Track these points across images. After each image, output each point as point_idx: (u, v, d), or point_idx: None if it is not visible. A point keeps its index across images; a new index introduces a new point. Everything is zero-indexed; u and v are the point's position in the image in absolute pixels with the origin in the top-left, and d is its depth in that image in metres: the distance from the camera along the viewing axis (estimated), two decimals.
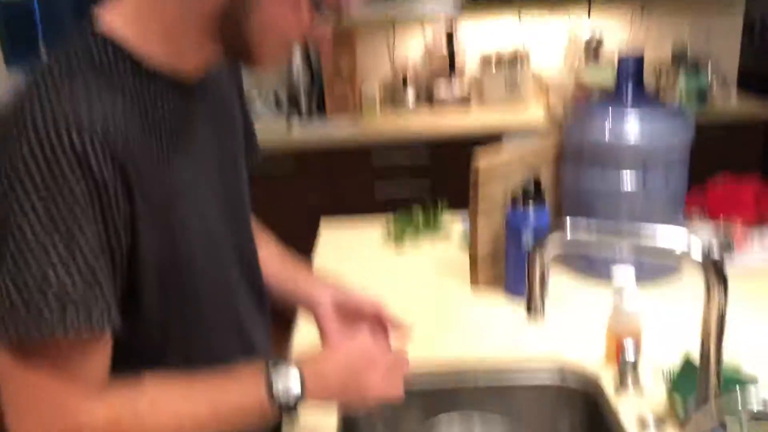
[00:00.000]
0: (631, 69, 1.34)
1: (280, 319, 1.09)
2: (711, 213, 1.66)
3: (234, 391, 0.75)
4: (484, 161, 1.35)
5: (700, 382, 0.82)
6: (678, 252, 0.78)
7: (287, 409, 0.75)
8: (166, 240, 0.74)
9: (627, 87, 1.35)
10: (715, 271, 0.76)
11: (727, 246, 1.49)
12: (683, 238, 0.79)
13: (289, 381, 0.75)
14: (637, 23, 3.32)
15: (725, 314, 0.78)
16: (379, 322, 0.97)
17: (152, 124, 0.72)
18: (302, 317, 1.22)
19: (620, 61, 1.35)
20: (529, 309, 0.90)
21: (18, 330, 0.64)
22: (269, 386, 0.75)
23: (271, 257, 1.04)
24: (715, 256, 0.77)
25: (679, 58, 3.22)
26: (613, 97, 1.37)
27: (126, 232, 0.69)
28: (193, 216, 0.77)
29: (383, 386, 0.82)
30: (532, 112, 3.12)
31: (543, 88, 3.25)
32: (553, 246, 0.83)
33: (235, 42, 0.73)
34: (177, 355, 0.80)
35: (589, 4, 3.05)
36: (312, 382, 0.77)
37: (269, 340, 0.99)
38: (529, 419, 1.16)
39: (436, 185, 2.95)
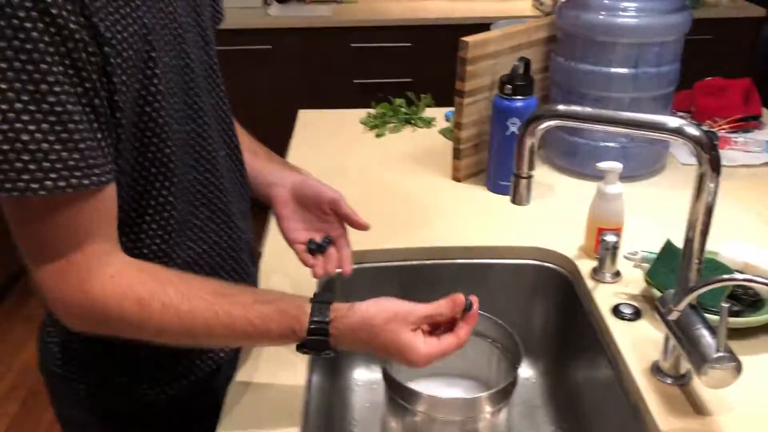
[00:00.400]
0: None
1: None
2: (698, 113, 1.63)
3: (274, 305, 0.73)
4: (472, 44, 1.28)
5: (683, 267, 0.81)
6: (670, 125, 0.75)
7: (313, 349, 0.74)
8: (140, 89, 0.69)
9: None
10: (709, 147, 0.74)
11: None
12: (676, 121, 0.76)
13: (326, 334, 0.73)
14: None
15: (715, 197, 0.76)
16: (335, 214, 0.92)
17: None
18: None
19: None
20: (514, 198, 0.87)
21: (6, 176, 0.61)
22: (308, 331, 0.73)
23: (243, 147, 0.99)
24: (709, 135, 0.75)
25: None
26: None
27: (101, 80, 0.64)
28: (164, 68, 0.71)
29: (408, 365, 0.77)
30: (521, 4, 3.01)
31: None
32: (543, 120, 0.80)
33: None
34: (154, 227, 0.77)
35: None
36: (344, 341, 0.74)
37: (250, 222, 0.97)
38: (507, 295, 1.16)
39: (418, 73, 2.86)
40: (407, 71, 2.86)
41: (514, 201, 0.88)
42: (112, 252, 0.70)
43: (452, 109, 1.46)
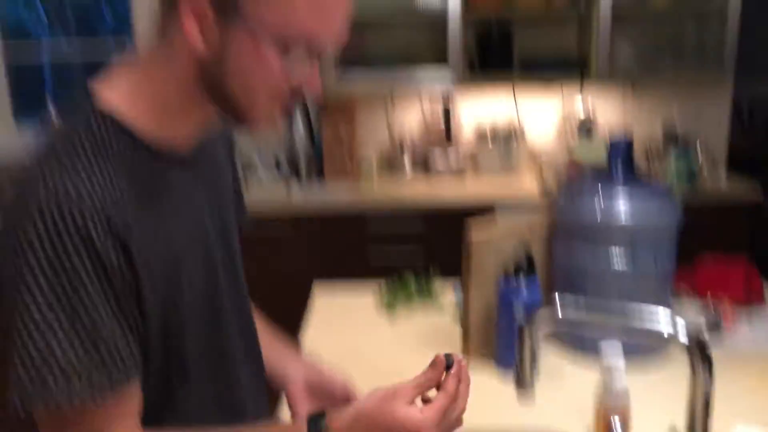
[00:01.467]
0: (621, 151, 1.39)
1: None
2: (699, 292, 1.69)
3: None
4: (478, 234, 1.38)
5: None
6: (664, 334, 0.80)
7: None
8: (168, 302, 0.77)
9: (617, 167, 1.40)
10: (700, 353, 0.79)
11: (715, 325, 1.51)
12: (669, 319, 0.81)
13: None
14: (629, 102, 3.43)
15: (711, 396, 0.80)
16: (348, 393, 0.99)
17: (149, 195, 0.76)
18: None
19: (611, 142, 1.41)
20: (518, 385, 0.91)
21: (23, 402, 0.67)
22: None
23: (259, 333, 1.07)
24: (701, 337, 0.80)
25: (669, 137, 3.31)
26: (604, 176, 1.42)
27: (133, 298, 0.72)
28: (191, 278, 0.81)
29: None
30: (526, 185, 3.18)
31: (536, 162, 3.33)
32: (542, 323, 0.86)
33: (223, 103, 0.77)
34: (174, 410, 0.82)
35: (582, 84, 3.15)
36: None
37: (265, 402, 1.01)
38: None
39: (430, 253, 2.98)
40: (423, 252, 2.99)
41: (518, 394, 0.92)
42: None
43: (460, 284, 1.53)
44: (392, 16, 3.14)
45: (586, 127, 3.27)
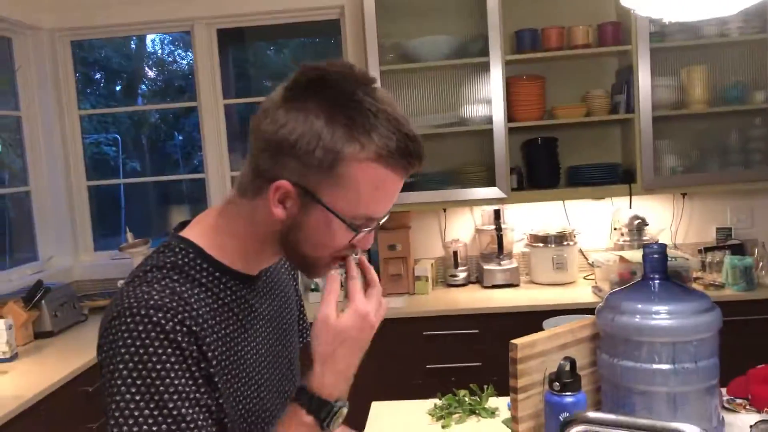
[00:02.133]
0: (656, 260, 1.46)
1: None
2: (755, 400, 1.68)
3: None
4: (522, 351, 1.45)
5: None
6: None
7: (336, 419, 0.93)
8: (231, 397, 0.90)
9: (655, 276, 1.46)
10: None
11: None
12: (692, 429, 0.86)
13: (327, 405, 0.91)
14: (680, 207, 3.47)
15: None
16: None
17: (220, 308, 0.92)
18: None
19: (645, 250, 1.48)
20: None
21: None
22: (317, 417, 0.91)
23: None
24: None
25: (722, 239, 3.32)
26: (641, 286, 1.48)
27: (209, 387, 0.86)
28: (251, 377, 0.94)
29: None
30: (580, 291, 3.22)
31: (590, 266, 3.37)
32: (573, 429, 0.92)
33: (293, 257, 0.95)
34: None
35: (630, 194, 3.22)
36: (337, 388, 0.93)
37: None
38: None
39: (484, 357, 3.00)
40: (476, 356, 3.02)
41: None
42: None
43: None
44: (440, 128, 3.32)
45: (637, 228, 3.31)
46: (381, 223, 0.96)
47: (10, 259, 3.46)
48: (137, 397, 0.80)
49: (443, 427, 1.73)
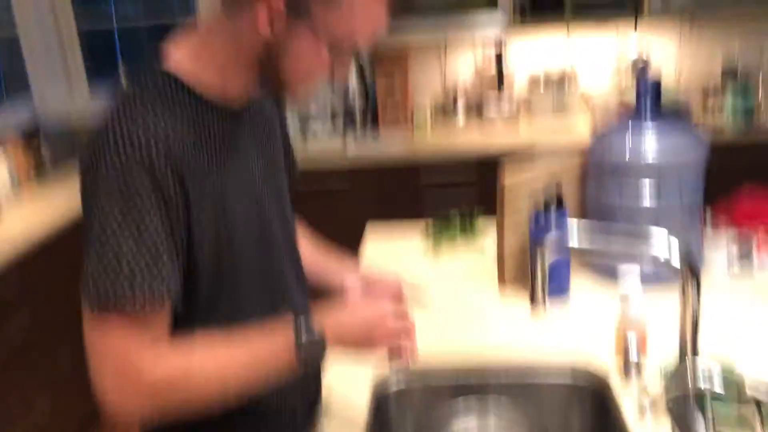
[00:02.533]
0: (648, 88, 1.44)
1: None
2: (737, 224, 1.73)
3: (267, 340, 0.92)
4: (511, 176, 1.47)
5: (681, 373, 0.92)
6: (659, 256, 0.89)
7: (311, 356, 0.91)
8: (215, 230, 0.91)
9: (645, 105, 1.45)
10: (690, 273, 0.87)
11: (746, 254, 1.56)
12: (664, 240, 0.90)
13: (313, 334, 0.91)
14: (686, 39, 3.36)
15: (699, 312, 0.88)
16: (400, 291, 1.11)
17: (203, 140, 0.91)
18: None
19: (638, 80, 1.46)
20: (532, 301, 1.02)
21: (99, 293, 0.83)
22: (297, 336, 0.91)
23: (307, 246, 1.23)
24: (691, 258, 0.88)
25: (728, 74, 3.25)
26: (634, 114, 1.47)
27: (184, 224, 0.87)
28: (237, 210, 0.94)
29: (390, 340, 0.97)
30: (578, 129, 3.20)
31: (590, 106, 3.33)
32: (552, 245, 0.95)
33: (270, 76, 0.92)
34: (219, 315, 0.96)
35: (636, 18, 3.11)
36: (332, 334, 0.93)
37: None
38: (546, 406, 1.27)
39: (483, 198, 3.06)
40: (474, 197, 3.07)
41: (532, 311, 1.02)
42: (164, 347, 0.89)
43: None
44: None
45: (638, 67, 3.24)
46: (358, 52, 0.93)
47: (4, 104, 3.43)
48: (118, 227, 0.82)
49: (435, 247, 1.81)
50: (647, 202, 1.42)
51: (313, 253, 1.23)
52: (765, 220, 1.67)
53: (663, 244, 0.88)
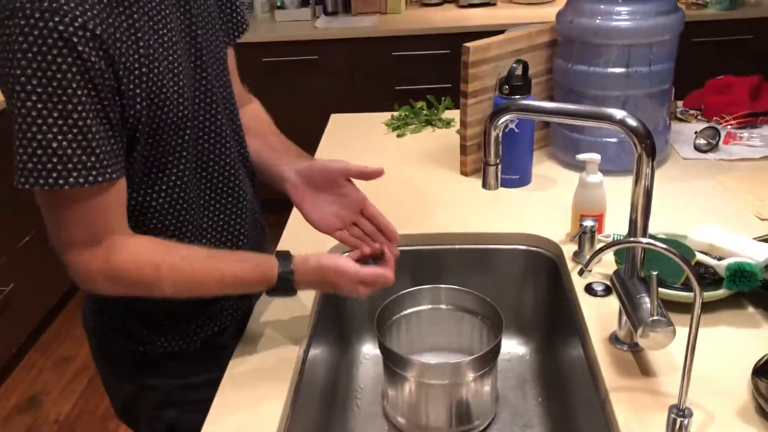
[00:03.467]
0: None
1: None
2: (707, 110, 1.69)
3: (252, 261, 0.94)
4: (475, 52, 1.40)
5: (629, 251, 0.90)
6: (616, 117, 0.84)
7: (283, 286, 0.93)
8: (149, 100, 0.84)
9: None
10: (644, 141, 0.83)
11: (712, 137, 1.53)
12: (626, 118, 0.85)
13: (287, 272, 0.93)
14: None
15: (652, 181, 0.85)
16: (347, 178, 1.03)
17: (128, 9, 0.82)
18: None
19: None
20: (484, 178, 0.98)
21: (27, 183, 0.77)
22: (277, 266, 0.93)
23: (262, 140, 1.11)
24: (649, 137, 0.84)
25: None
26: None
27: (114, 99, 0.80)
28: (169, 78, 0.87)
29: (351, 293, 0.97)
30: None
31: None
32: (503, 117, 0.91)
33: None
34: (166, 206, 0.92)
35: None
36: (301, 278, 0.94)
37: (257, 194, 1.11)
38: (502, 278, 1.27)
39: (453, 75, 2.97)
40: (446, 77, 2.97)
41: (484, 186, 0.99)
42: (126, 230, 0.87)
43: None
44: None
45: None
46: None
47: None
48: (39, 105, 0.75)
49: (398, 136, 1.75)
50: (616, 68, 1.36)
51: (262, 147, 1.11)
52: (736, 105, 1.63)
53: (625, 121, 0.84)
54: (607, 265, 1.13)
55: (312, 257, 0.95)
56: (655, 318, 0.83)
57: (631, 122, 0.84)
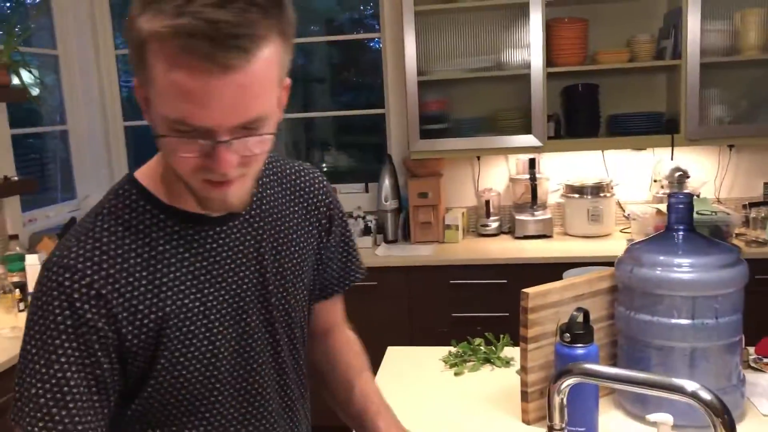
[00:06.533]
0: (681, 209, 1.38)
1: None
2: None
3: None
4: (534, 299, 1.40)
5: None
6: (688, 390, 0.80)
7: None
8: (159, 356, 0.86)
9: (679, 228, 1.39)
10: (721, 416, 0.78)
11: None
12: (692, 389, 0.81)
13: None
14: (726, 160, 3.32)
15: None
16: None
17: (158, 256, 0.86)
18: None
19: (670, 199, 1.40)
20: None
21: (15, 416, 0.81)
22: None
23: (362, 389, 1.12)
24: (724, 406, 0.79)
25: None
26: (664, 237, 1.41)
27: (110, 355, 0.83)
28: (190, 336, 0.88)
29: None
30: (615, 244, 3.12)
31: (626, 218, 3.27)
32: (567, 381, 0.88)
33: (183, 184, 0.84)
34: None
35: (672, 145, 3.08)
36: None
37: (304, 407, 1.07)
38: None
39: (514, 309, 2.96)
40: (503, 306, 2.98)
41: None
42: None
43: None
44: (476, 72, 3.22)
45: (678, 181, 3.18)
46: (220, 141, 0.76)
47: (48, 197, 3.53)
48: (32, 351, 0.80)
49: (455, 374, 1.71)
50: (680, 319, 1.33)
51: (362, 398, 1.11)
52: None
53: (698, 395, 0.80)
54: None
55: None
56: None
57: (705, 396, 0.80)
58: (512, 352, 1.79)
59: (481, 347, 1.80)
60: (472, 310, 3.02)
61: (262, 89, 0.75)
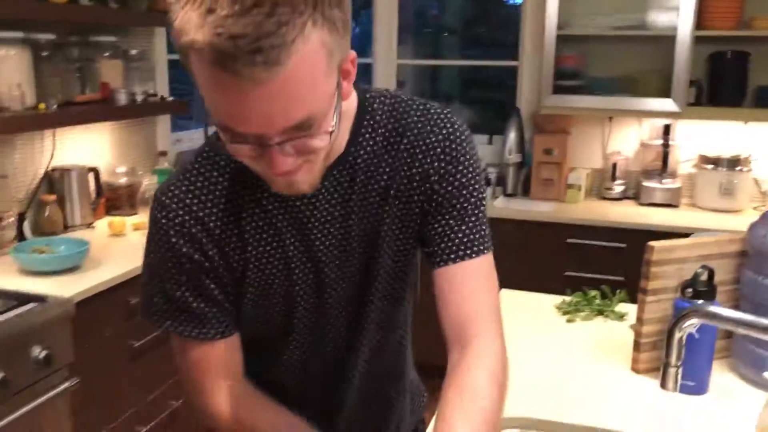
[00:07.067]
0: None
1: None
2: None
3: None
4: (659, 252, 1.41)
5: None
6: None
7: None
8: (245, 292, 0.97)
9: None
10: None
11: None
12: None
13: None
14: None
15: None
16: None
17: (241, 204, 0.91)
18: None
19: None
20: (663, 378, 0.97)
21: (157, 321, 0.97)
22: None
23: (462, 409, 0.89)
24: None
25: None
26: None
27: (214, 278, 0.95)
28: (269, 280, 0.97)
29: None
30: (746, 220, 2.99)
31: (762, 195, 3.11)
32: (690, 320, 0.91)
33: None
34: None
35: None
36: None
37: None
38: None
39: (631, 274, 2.93)
40: (620, 271, 2.95)
41: (662, 386, 0.97)
42: (230, 385, 0.99)
43: None
44: (618, 30, 3.13)
45: None
46: (270, 145, 0.74)
47: (195, 122, 3.77)
48: (151, 264, 0.95)
49: (568, 321, 1.75)
50: None
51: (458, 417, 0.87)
52: None
53: None
54: None
55: None
56: None
57: None
58: (626, 308, 1.80)
59: (597, 299, 1.83)
60: (587, 270, 3.01)
61: (305, 90, 0.71)
